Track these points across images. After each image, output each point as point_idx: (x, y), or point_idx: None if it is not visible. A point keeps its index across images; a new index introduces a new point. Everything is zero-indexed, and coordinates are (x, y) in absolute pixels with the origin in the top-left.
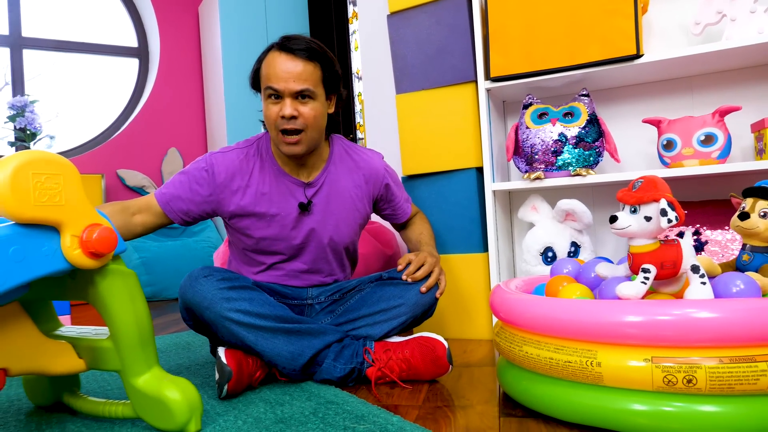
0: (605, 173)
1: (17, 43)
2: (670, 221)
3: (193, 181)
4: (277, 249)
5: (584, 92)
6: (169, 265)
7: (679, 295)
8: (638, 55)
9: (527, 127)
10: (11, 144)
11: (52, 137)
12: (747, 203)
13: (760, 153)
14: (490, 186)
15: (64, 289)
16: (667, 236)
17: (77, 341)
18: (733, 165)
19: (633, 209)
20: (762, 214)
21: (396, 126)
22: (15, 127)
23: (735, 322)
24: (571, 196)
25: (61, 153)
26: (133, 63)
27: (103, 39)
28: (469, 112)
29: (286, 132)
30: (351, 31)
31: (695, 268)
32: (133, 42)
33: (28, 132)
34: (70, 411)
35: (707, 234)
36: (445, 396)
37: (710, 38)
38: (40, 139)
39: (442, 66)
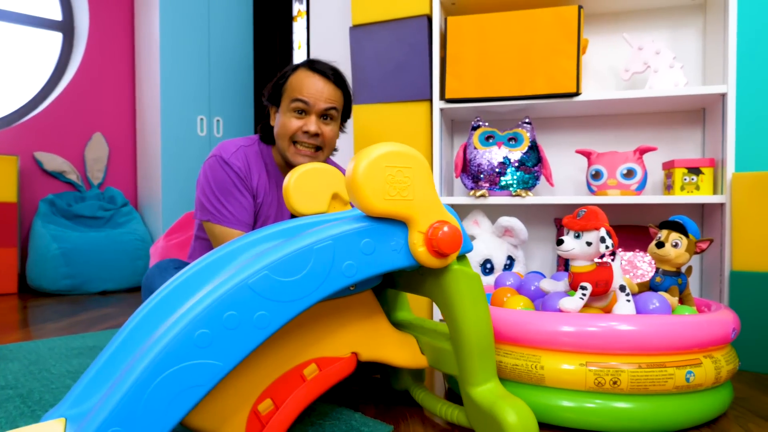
0: (540, 195)
1: None
2: (607, 247)
3: (233, 186)
4: None
5: (527, 120)
6: (92, 257)
7: (607, 310)
8: (577, 93)
9: (475, 148)
10: None
11: None
12: (663, 234)
13: (668, 188)
14: (441, 200)
15: (413, 283)
16: (602, 257)
17: (421, 336)
18: (648, 197)
19: (576, 235)
20: (674, 244)
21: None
22: None
23: (650, 334)
24: (509, 214)
25: None
26: (57, 37)
27: (23, 8)
28: (422, 127)
29: (303, 144)
30: (294, 30)
31: (622, 288)
32: (57, 15)
33: None
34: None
35: (621, 254)
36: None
37: (635, 85)
38: None
39: (399, 82)
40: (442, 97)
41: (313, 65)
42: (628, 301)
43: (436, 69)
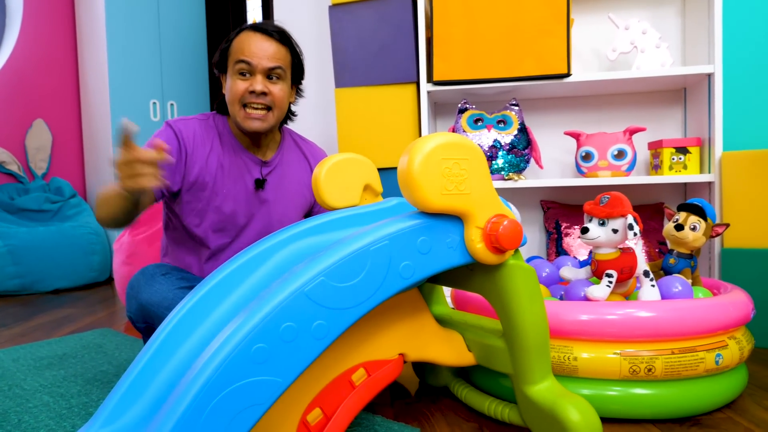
0: (529, 179)
1: None
2: (635, 234)
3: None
4: (224, 226)
5: (514, 102)
6: (42, 254)
7: (626, 295)
8: (567, 74)
9: (464, 131)
10: None
11: None
12: (681, 216)
13: (655, 168)
14: None
15: (460, 278)
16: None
17: (466, 333)
18: (638, 178)
19: (601, 222)
20: (692, 227)
21: (313, 115)
22: None
23: (683, 319)
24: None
25: None
26: None
27: None
28: (408, 111)
29: (252, 107)
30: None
31: (646, 273)
32: None
33: None
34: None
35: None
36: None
37: (617, 66)
38: None
39: (384, 64)
40: (429, 79)
41: (256, 26)
42: (653, 286)
43: (423, 50)
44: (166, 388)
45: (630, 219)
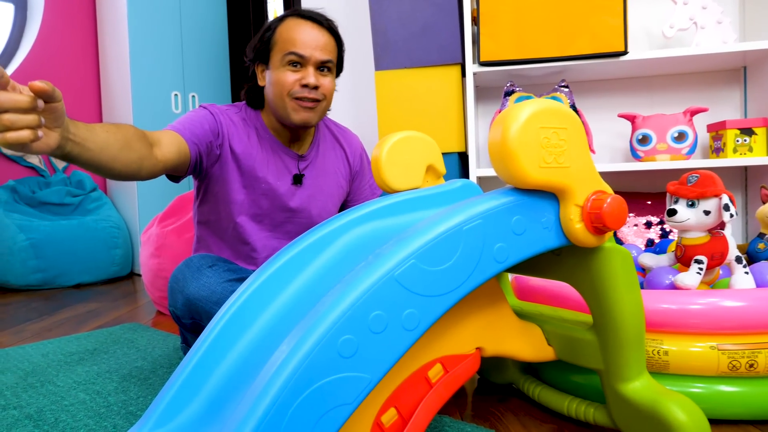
0: None
1: None
2: (732, 215)
3: (201, 117)
4: (262, 219)
5: (564, 83)
6: (64, 248)
7: (710, 284)
8: (624, 52)
9: None
10: None
11: None
12: None
13: (716, 151)
14: (475, 172)
15: (541, 263)
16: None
17: (545, 325)
18: (697, 161)
19: (690, 203)
20: None
21: (346, 101)
22: None
23: None
24: None
25: None
26: (8, 9)
27: None
28: (452, 95)
29: (303, 99)
30: None
31: (739, 259)
32: None
33: None
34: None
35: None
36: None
37: (675, 43)
38: None
39: (427, 45)
40: (475, 60)
41: (303, 14)
42: (747, 273)
43: (468, 29)
44: (225, 386)
45: (725, 199)
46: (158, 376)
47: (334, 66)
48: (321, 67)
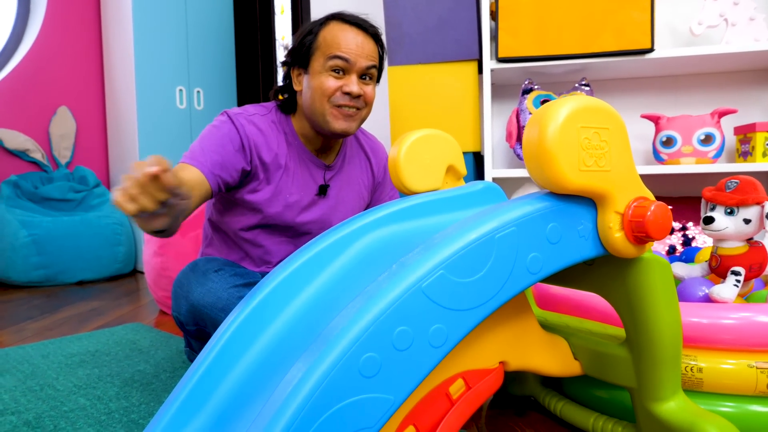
0: None
1: None
2: None
3: (224, 136)
4: (281, 231)
5: (584, 82)
6: (66, 244)
7: (744, 296)
8: (651, 50)
9: (530, 114)
10: None
11: None
12: None
13: (743, 155)
14: (491, 173)
15: (572, 273)
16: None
17: (571, 338)
18: (723, 165)
19: (729, 210)
20: None
21: None
22: None
23: None
24: None
25: None
26: (10, 1)
27: None
28: (468, 92)
29: (344, 107)
30: None
31: None
32: None
33: None
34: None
35: (693, 229)
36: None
37: (702, 41)
38: None
39: (442, 39)
40: (493, 56)
41: (347, 18)
42: None
43: (486, 24)
44: (233, 399)
45: None
46: (161, 381)
47: (376, 74)
48: (363, 75)
